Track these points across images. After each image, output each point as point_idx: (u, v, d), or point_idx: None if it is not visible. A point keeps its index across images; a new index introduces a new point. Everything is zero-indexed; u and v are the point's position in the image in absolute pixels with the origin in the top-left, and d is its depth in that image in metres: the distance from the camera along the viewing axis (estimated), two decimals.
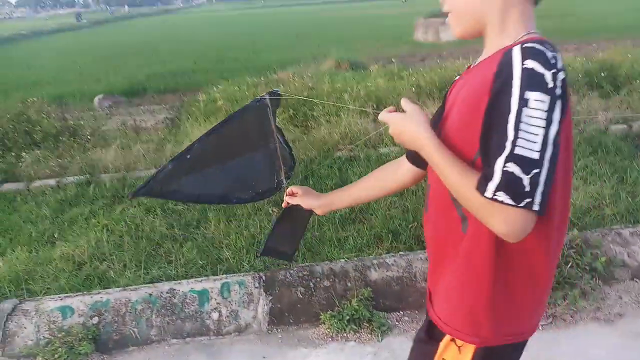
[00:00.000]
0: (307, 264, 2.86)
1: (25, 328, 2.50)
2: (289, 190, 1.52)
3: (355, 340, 2.49)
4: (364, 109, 5.41)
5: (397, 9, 39.81)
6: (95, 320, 2.52)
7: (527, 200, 0.87)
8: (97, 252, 3.25)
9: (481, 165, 0.95)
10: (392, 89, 6.74)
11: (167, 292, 2.62)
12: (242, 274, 2.78)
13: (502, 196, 0.88)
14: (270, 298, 2.63)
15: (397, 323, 2.61)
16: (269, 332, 2.58)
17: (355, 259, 2.87)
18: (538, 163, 0.86)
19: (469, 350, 1.12)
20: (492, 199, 0.89)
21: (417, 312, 2.69)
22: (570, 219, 3.26)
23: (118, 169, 4.70)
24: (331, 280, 2.69)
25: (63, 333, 2.44)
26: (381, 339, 2.49)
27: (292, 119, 5.77)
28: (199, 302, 2.60)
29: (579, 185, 3.74)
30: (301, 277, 2.69)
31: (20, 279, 3.00)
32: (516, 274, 1.06)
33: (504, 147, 0.87)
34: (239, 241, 3.30)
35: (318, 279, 2.69)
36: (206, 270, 2.98)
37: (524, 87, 0.87)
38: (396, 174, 1.38)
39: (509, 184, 0.87)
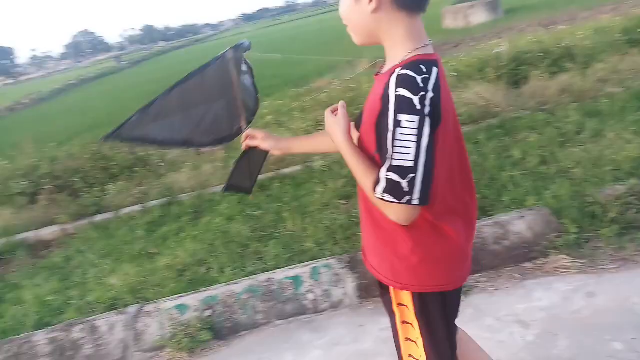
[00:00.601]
0: None
1: (150, 326, 2.89)
2: (248, 132, 1.73)
3: None
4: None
5: None
6: (209, 312, 2.88)
7: (407, 197, 1.15)
8: (194, 259, 3.64)
9: (380, 161, 1.22)
10: None
11: (265, 282, 2.95)
12: (326, 258, 3.08)
13: (387, 197, 1.17)
14: (356, 276, 2.92)
15: (476, 284, 2.85)
16: (360, 304, 2.87)
17: None
18: (412, 169, 1.13)
19: (407, 294, 1.40)
20: (380, 198, 1.18)
21: (492, 272, 2.92)
22: (629, 169, 3.41)
23: (193, 188, 5.13)
24: None
25: (184, 326, 2.81)
26: (464, 298, 2.73)
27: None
28: (294, 286, 2.92)
29: (632, 138, 3.86)
30: None
31: (135, 290, 3.41)
32: (422, 235, 1.32)
33: (385, 160, 1.16)
34: (316, 234, 3.62)
35: None
36: (293, 261, 3.30)
37: (397, 111, 1.12)
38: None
39: (391, 188, 1.15)
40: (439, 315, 1.42)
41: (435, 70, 1.17)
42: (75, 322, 3.02)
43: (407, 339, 1.46)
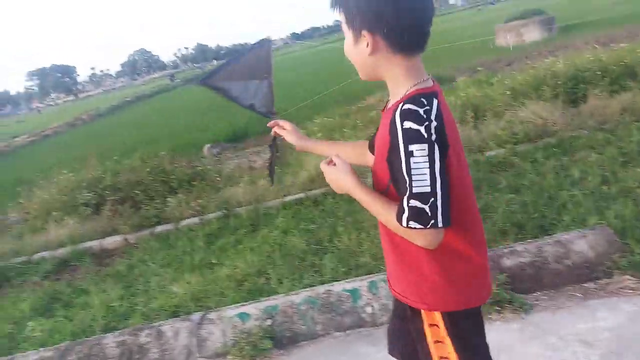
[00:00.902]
0: None
1: (213, 333, 2.99)
2: (279, 122, 1.84)
3: (500, 320, 2.72)
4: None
5: (473, 19, 39.30)
6: (269, 322, 2.96)
7: (432, 222, 1.19)
8: (253, 270, 3.75)
9: (394, 191, 1.29)
10: (485, 95, 6.87)
11: (323, 293, 3.02)
12: (384, 273, 3.12)
13: (413, 224, 1.21)
14: None
15: (537, 302, 2.82)
16: None
17: (488, 249, 3.12)
18: (432, 194, 1.18)
19: (437, 315, 1.42)
20: (407, 227, 1.22)
21: (553, 291, 2.88)
22: None
23: (249, 202, 5.28)
24: None
25: (245, 334, 2.90)
26: (525, 317, 2.71)
27: None
28: (352, 299, 2.97)
29: None
30: None
31: (196, 298, 3.55)
32: (445, 257, 1.36)
33: (406, 189, 1.20)
34: (371, 248, 3.66)
35: None
36: (350, 275, 3.36)
37: (406, 143, 1.18)
38: (365, 156, 1.66)
39: (416, 215, 1.20)
40: (470, 331, 1.46)
41: (435, 101, 1.24)
42: (142, 327, 3.16)
43: (441, 357, 1.47)
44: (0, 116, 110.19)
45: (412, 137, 1.18)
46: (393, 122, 1.22)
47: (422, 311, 1.45)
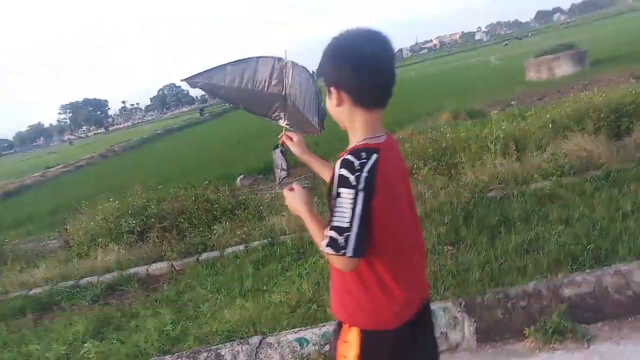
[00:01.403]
0: (499, 289, 3.16)
1: (272, 357, 3.03)
2: (287, 133, 2.06)
3: (562, 350, 2.70)
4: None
5: (499, 54, 39.49)
6: (327, 347, 2.98)
7: (343, 251, 1.43)
8: (304, 296, 3.79)
9: None
10: (525, 129, 6.88)
11: None
12: (443, 301, 3.13)
13: (328, 250, 1.45)
14: (474, 320, 2.94)
15: (599, 332, 2.79)
16: (479, 348, 2.88)
17: (545, 279, 3.12)
18: (348, 229, 1.41)
19: (354, 330, 1.61)
20: (325, 250, 1.46)
21: (616, 321, 2.85)
22: None
23: (293, 230, 5.35)
24: (526, 299, 2.95)
25: (305, 359, 2.93)
26: (588, 346, 2.68)
27: (436, 168, 6.15)
28: None
29: None
30: (498, 300, 2.99)
31: (249, 323, 3.59)
32: (370, 282, 1.57)
33: (329, 222, 1.45)
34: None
35: (514, 300, 2.97)
36: None
37: (338, 185, 1.42)
38: None
39: (331, 242, 1.44)
40: (381, 353, 1.62)
41: (374, 156, 1.46)
42: (201, 349, 3.21)
43: None
44: (33, 147, 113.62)
45: (342, 182, 1.43)
46: (335, 167, 1.47)
47: (343, 327, 1.67)
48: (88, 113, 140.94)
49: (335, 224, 1.44)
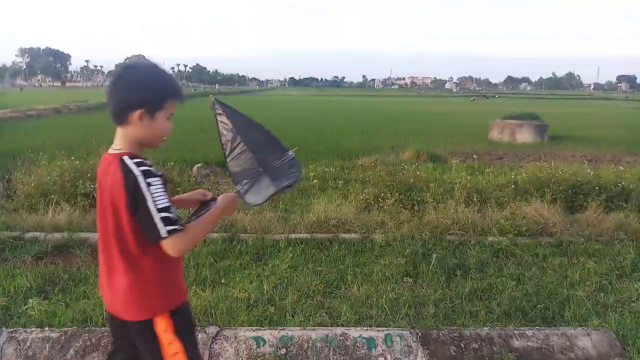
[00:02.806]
0: (455, 327, 3.31)
1: (227, 350, 3.04)
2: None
3: None
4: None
5: (466, 107, 40.94)
6: (283, 351, 3.03)
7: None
8: (263, 297, 3.83)
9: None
10: (489, 183, 7.23)
11: (340, 335, 3.12)
12: (401, 328, 3.25)
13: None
14: (427, 352, 3.06)
15: None
16: None
17: (498, 327, 3.30)
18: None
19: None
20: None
21: None
22: None
23: (255, 230, 5.37)
24: (479, 342, 3.11)
25: (260, 358, 2.96)
26: None
27: (402, 202, 6.34)
28: (367, 347, 3.07)
29: None
30: (452, 338, 3.13)
31: (205, 312, 3.59)
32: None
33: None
34: (379, 302, 3.80)
35: (467, 341, 3.12)
36: (361, 324, 3.47)
37: None
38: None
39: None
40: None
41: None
42: None
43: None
44: None
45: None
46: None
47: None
48: (47, 62, 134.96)
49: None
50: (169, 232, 1.70)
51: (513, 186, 6.83)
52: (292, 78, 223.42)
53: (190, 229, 1.79)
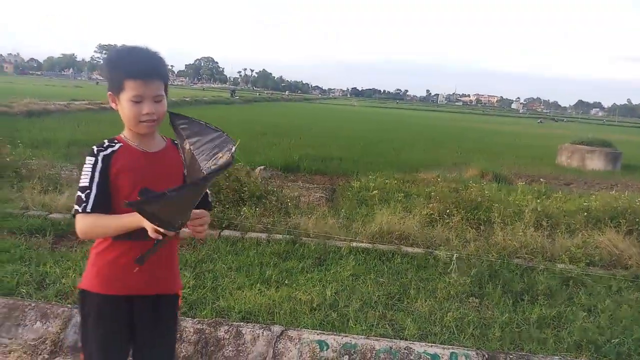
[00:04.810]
0: (523, 353, 3.20)
1: (290, 351, 3.07)
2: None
3: None
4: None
5: (533, 129, 39.66)
6: (346, 358, 3.02)
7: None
8: (326, 302, 3.84)
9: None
10: (560, 209, 6.97)
11: (404, 349, 3.08)
12: (467, 347, 3.18)
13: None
14: None
15: None
16: None
17: (569, 358, 3.17)
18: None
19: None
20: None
21: None
22: None
23: (317, 235, 5.40)
24: None
25: None
26: None
27: (467, 220, 6.21)
28: None
29: None
30: None
31: (268, 310, 3.64)
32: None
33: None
34: (443, 320, 3.73)
35: None
36: (424, 339, 3.41)
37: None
38: None
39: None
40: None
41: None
42: (222, 321, 3.25)
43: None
44: (61, 76, 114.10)
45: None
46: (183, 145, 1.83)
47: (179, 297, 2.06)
48: None
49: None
50: (74, 212, 1.76)
51: (585, 213, 6.53)
52: (355, 88, 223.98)
53: (93, 218, 1.73)
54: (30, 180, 6.66)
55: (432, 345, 3.14)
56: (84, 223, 1.74)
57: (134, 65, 1.75)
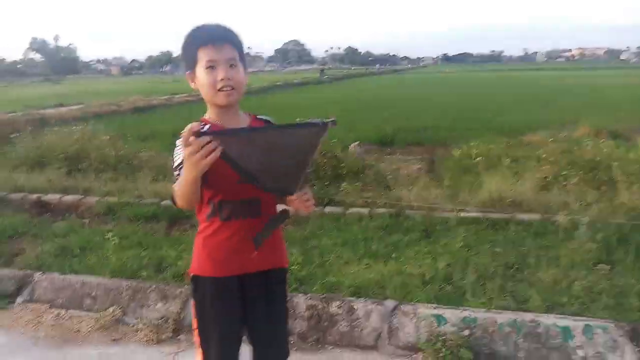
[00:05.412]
0: None
1: (406, 326, 2.95)
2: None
3: None
4: None
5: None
6: (467, 332, 2.85)
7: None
8: (438, 275, 3.66)
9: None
10: None
11: (530, 322, 2.84)
12: (603, 319, 2.87)
13: None
14: (638, 349, 2.66)
15: None
16: None
17: None
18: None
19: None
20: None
21: None
22: None
23: (420, 207, 5.20)
24: None
25: (442, 338, 2.81)
26: None
27: (586, 181, 5.69)
28: (562, 337, 2.76)
29: None
30: None
31: (379, 285, 3.54)
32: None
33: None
34: (571, 290, 3.41)
35: None
36: (552, 310, 3.13)
37: None
38: None
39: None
40: None
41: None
42: (334, 297, 3.20)
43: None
44: (161, 73, 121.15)
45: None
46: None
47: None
48: None
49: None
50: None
51: None
52: (445, 54, 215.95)
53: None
54: (142, 171, 7.05)
55: (562, 317, 2.87)
56: (175, 191, 1.69)
57: (204, 34, 1.75)
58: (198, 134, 1.48)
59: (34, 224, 5.17)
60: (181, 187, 1.63)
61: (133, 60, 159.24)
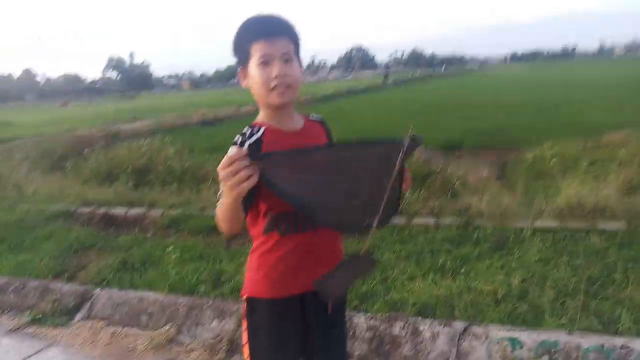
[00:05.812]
0: None
1: (477, 350, 2.70)
2: None
3: None
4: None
5: None
6: (546, 358, 2.57)
7: None
8: (512, 292, 3.37)
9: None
10: None
11: (620, 347, 2.52)
12: None
13: None
14: None
15: None
16: None
17: None
18: None
19: None
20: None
21: None
22: None
23: (492, 216, 4.87)
24: None
25: None
26: None
27: None
28: None
29: None
30: None
31: (445, 303, 3.29)
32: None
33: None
34: None
35: None
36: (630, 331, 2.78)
37: None
38: None
39: None
40: None
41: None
42: (398, 316, 3.00)
43: None
44: (228, 86, 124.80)
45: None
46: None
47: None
48: None
49: None
50: None
51: None
52: (514, 54, 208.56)
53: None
54: (206, 183, 7.13)
55: None
56: (217, 215, 1.53)
57: (257, 26, 1.60)
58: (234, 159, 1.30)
59: (99, 238, 5.30)
60: (221, 211, 1.49)
61: (202, 75, 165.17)
